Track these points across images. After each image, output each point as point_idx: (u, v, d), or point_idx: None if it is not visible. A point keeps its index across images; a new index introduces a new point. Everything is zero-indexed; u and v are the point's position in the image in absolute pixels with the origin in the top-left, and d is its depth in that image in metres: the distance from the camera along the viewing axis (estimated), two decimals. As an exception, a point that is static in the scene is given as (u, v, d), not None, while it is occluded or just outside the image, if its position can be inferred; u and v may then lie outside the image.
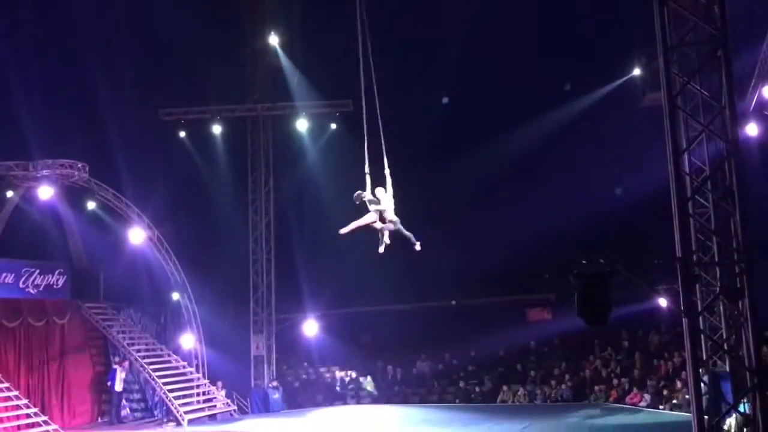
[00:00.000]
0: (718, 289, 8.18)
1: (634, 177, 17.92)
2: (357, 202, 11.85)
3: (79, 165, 17.77)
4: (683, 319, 7.06)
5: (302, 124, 21.91)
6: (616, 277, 7.79)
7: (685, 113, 8.41)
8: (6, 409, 16.04)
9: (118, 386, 19.25)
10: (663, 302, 19.26)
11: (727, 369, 9.51)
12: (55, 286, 19.06)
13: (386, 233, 12.12)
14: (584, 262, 8.13)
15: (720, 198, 7.78)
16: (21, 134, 17.89)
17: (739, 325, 7.47)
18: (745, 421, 7.32)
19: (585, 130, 20.36)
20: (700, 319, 7.90)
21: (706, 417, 6.77)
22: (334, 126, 21.90)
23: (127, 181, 19.76)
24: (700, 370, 6.96)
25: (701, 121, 8.30)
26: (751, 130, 13.13)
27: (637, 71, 18.22)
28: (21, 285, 18.16)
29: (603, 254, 8.24)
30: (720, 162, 7.90)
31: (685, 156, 8.36)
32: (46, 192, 17.49)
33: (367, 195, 11.84)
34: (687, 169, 8.47)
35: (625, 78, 19.16)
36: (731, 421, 8.38)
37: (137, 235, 19.29)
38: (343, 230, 11.79)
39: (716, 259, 9.60)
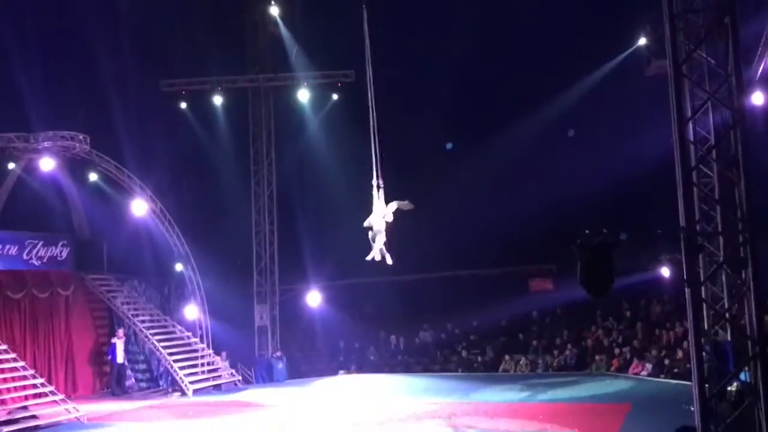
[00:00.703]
0: (721, 258, 8.16)
1: (638, 147, 17.82)
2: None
3: (81, 137, 17.72)
4: (686, 289, 7.05)
5: (303, 95, 21.79)
6: (619, 247, 7.79)
7: (691, 81, 8.31)
8: (13, 379, 16.21)
9: (120, 358, 19.42)
10: (666, 272, 19.38)
11: (729, 338, 9.55)
12: (58, 258, 19.14)
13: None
14: (587, 232, 8.12)
15: (724, 167, 7.74)
16: (21, 106, 17.81)
17: (741, 295, 7.47)
18: (746, 389, 7.36)
19: (588, 101, 20.24)
20: (703, 288, 7.89)
21: (707, 385, 6.80)
22: (335, 96, 21.78)
23: (128, 153, 19.72)
24: (702, 340, 6.98)
25: (707, 89, 8.22)
26: (757, 98, 13.02)
27: (642, 41, 18.01)
28: (25, 257, 18.24)
29: (606, 224, 8.23)
30: (725, 131, 7.84)
31: (690, 125, 8.29)
32: (47, 164, 17.47)
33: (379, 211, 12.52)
34: (692, 138, 8.41)
35: (630, 50, 18.95)
36: (732, 390, 8.43)
37: (140, 207, 19.31)
38: (369, 256, 12.57)
39: (719, 228, 9.57)
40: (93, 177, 19.32)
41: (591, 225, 8.16)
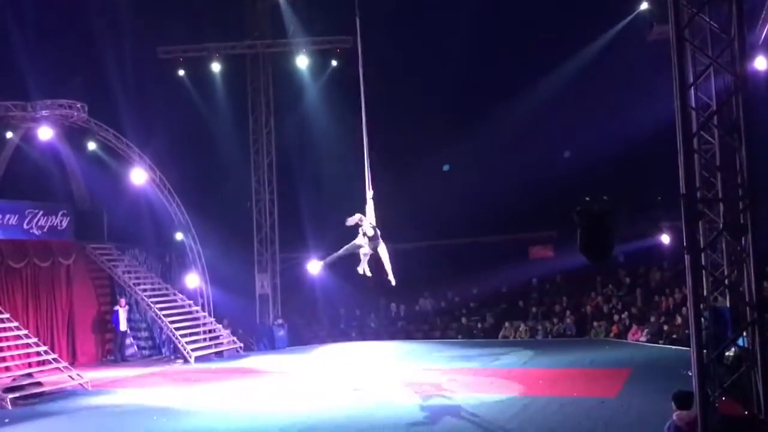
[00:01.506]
0: (721, 225, 8.16)
1: (639, 113, 17.72)
2: (350, 224, 12.18)
3: (78, 105, 17.61)
4: (685, 256, 7.05)
5: (302, 61, 21.58)
6: (620, 214, 7.77)
7: (693, 46, 8.22)
8: (17, 347, 16.35)
9: (122, 326, 19.58)
10: (665, 239, 19.42)
11: (728, 304, 9.60)
12: (59, 227, 19.17)
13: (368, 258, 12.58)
14: (587, 199, 8.10)
15: (726, 133, 7.68)
16: (18, 74, 17.65)
17: (741, 261, 7.48)
18: (744, 354, 7.41)
19: (590, 67, 20.06)
20: (702, 255, 7.91)
21: (705, 351, 6.85)
22: (335, 63, 21.58)
23: (127, 122, 19.62)
24: (701, 306, 7.00)
25: (709, 54, 8.13)
26: (760, 63, 12.88)
27: (644, 5, 17.80)
28: (25, 226, 18.26)
29: (606, 191, 8.20)
30: (727, 96, 7.77)
31: (692, 90, 8.22)
32: (45, 133, 17.39)
33: (366, 222, 12.30)
34: (693, 105, 8.34)
35: (632, 15, 18.72)
36: (729, 355, 8.50)
37: (139, 176, 19.28)
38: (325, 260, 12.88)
39: (720, 195, 9.56)
40: (92, 146, 19.23)
41: (591, 192, 8.14)
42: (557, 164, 19.55)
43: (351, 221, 12.32)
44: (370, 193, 12.83)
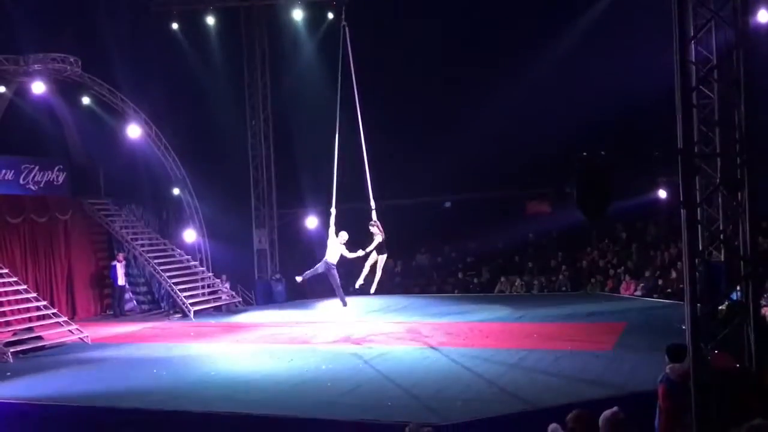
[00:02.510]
0: (718, 180, 8.16)
1: (637, 68, 17.53)
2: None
3: (72, 59, 17.39)
4: (681, 211, 7.08)
5: (297, 14, 21.24)
6: (617, 169, 7.78)
7: (694, -1, 8.11)
8: (17, 302, 16.46)
9: (121, 281, 19.70)
10: (662, 194, 19.44)
11: (722, 259, 9.67)
12: (55, 183, 19.14)
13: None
14: (585, 154, 8.10)
15: (725, 88, 7.64)
16: (10, 27, 17.37)
17: (736, 216, 7.52)
18: (737, 308, 7.50)
19: (586, 23, 19.76)
20: (698, 210, 7.92)
21: (699, 305, 6.92)
22: (330, 16, 21.22)
23: (121, 77, 19.38)
24: (696, 260, 7.05)
25: (711, 7, 8.03)
26: (762, 17, 12.72)
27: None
28: (21, 182, 18.24)
29: (604, 147, 8.20)
30: (728, 51, 7.70)
31: (692, 44, 8.14)
32: (38, 87, 17.21)
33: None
34: (693, 59, 8.26)
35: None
36: (723, 309, 8.59)
37: (134, 131, 19.16)
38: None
39: (718, 150, 9.56)
40: (86, 101, 19.04)
41: (588, 148, 8.13)
42: (554, 120, 19.40)
43: (373, 230, 14.12)
44: (333, 210, 14.27)
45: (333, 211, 14.51)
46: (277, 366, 12.22)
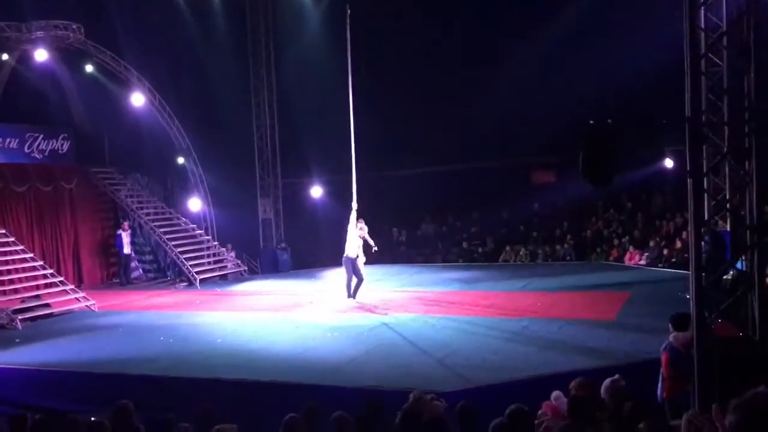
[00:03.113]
0: (725, 149, 8.09)
1: (645, 35, 17.30)
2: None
3: (74, 26, 17.26)
4: (688, 180, 7.03)
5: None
6: (623, 138, 7.72)
7: (705, -36, 7.96)
8: (24, 270, 16.58)
9: (126, 249, 19.77)
10: (669, 163, 19.33)
11: (728, 228, 9.63)
12: (60, 151, 19.13)
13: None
14: (591, 122, 8.03)
15: (735, 55, 7.54)
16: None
17: (743, 185, 7.47)
18: (741, 277, 7.50)
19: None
20: (705, 179, 7.88)
21: (703, 274, 6.92)
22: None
23: (124, 44, 19.23)
24: (701, 230, 7.03)
25: (721, -28, 7.90)
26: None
27: None
28: (26, 150, 18.23)
29: (610, 115, 8.13)
30: (737, 17, 7.57)
31: (702, 10, 8.02)
32: (41, 54, 17.11)
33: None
34: (702, 25, 8.14)
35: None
36: (727, 278, 8.60)
37: (138, 99, 19.09)
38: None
39: (725, 119, 9.46)
40: (89, 69, 18.92)
41: (595, 116, 8.06)
42: (560, 89, 19.20)
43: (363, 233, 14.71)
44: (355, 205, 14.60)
45: (355, 206, 14.57)
46: (283, 333, 12.32)
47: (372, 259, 15.12)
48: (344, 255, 14.50)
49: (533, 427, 5.35)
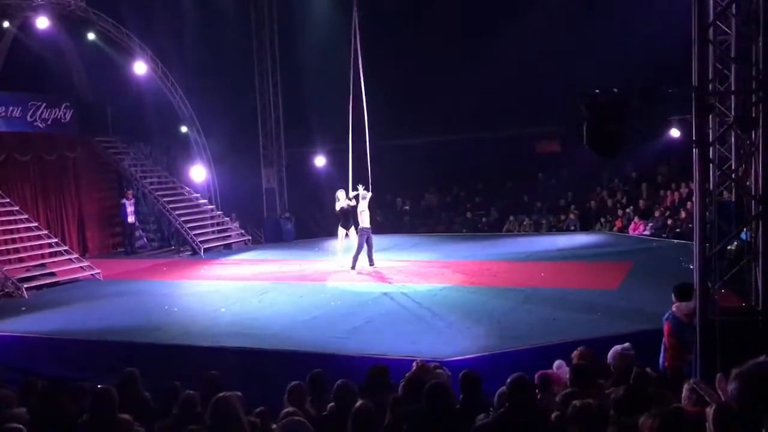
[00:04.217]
0: (731, 119, 8.02)
1: (651, 3, 17.07)
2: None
3: (75, -7, 17.11)
4: (693, 150, 6.98)
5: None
6: (629, 107, 7.63)
7: (715, -71, 7.81)
8: (29, 239, 16.64)
9: (130, 218, 19.82)
10: (675, 133, 19.20)
11: (733, 199, 9.58)
12: (62, 120, 19.08)
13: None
14: (597, 91, 7.93)
15: (744, 23, 7.43)
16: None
17: (749, 155, 7.42)
18: (745, 247, 7.48)
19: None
20: (711, 149, 7.82)
21: (707, 244, 6.90)
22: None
23: (126, 13, 19.05)
24: (706, 200, 7.00)
25: (731, -62, 7.74)
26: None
27: None
28: (29, 119, 18.19)
29: (616, 84, 8.03)
30: (747, -16, 7.45)
31: (711, -23, 7.88)
32: (43, 22, 16.98)
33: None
34: (711, -8, 8.01)
35: None
36: (731, 249, 8.58)
37: (141, 68, 18.98)
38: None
39: (733, 88, 9.36)
40: (91, 37, 18.78)
41: (600, 84, 7.96)
42: (565, 58, 18.99)
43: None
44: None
45: (368, 194, 14.82)
46: (287, 302, 12.38)
47: (375, 228, 15.12)
48: (360, 227, 14.54)
49: (535, 397, 5.39)
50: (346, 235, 15.46)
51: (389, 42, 20.18)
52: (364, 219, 14.65)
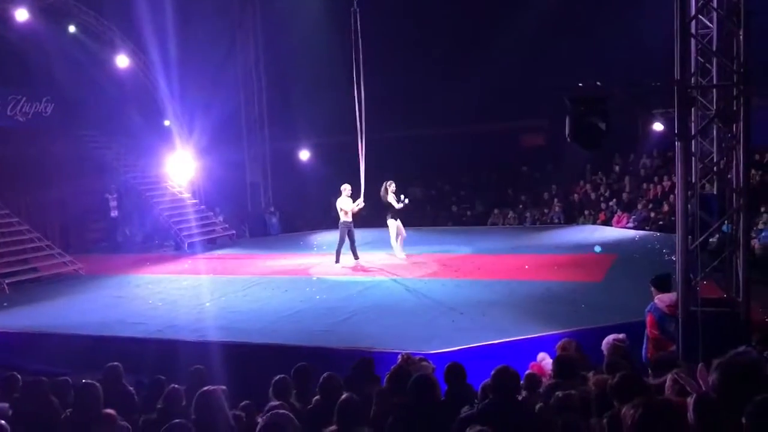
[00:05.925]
0: (713, 112, 8.08)
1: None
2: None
3: (55, -15, 16.91)
4: (676, 143, 7.03)
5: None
6: (612, 100, 7.68)
7: None
8: (10, 234, 16.46)
9: (113, 213, 19.66)
10: (658, 126, 19.35)
11: (715, 191, 9.67)
12: (43, 114, 18.89)
13: None
14: (580, 85, 7.98)
15: (725, 16, 7.48)
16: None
17: (730, 148, 7.48)
18: (727, 239, 7.55)
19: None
20: (693, 142, 7.88)
21: (690, 237, 6.96)
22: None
23: (107, 5, 18.86)
24: (689, 193, 7.06)
25: (713, -69, 7.79)
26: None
27: None
28: (9, 113, 18.00)
29: (599, 78, 8.08)
30: (729, -23, 7.50)
31: (692, -29, 7.93)
32: (22, 14, 16.76)
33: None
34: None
35: None
36: (713, 241, 8.66)
37: (123, 61, 18.81)
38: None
39: (714, 81, 9.42)
40: (72, 29, 18.56)
41: (584, 78, 8.00)
42: (549, 52, 19.05)
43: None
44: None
45: (362, 204, 14.98)
46: (272, 296, 12.36)
47: (360, 222, 15.13)
48: (341, 221, 14.54)
49: (519, 388, 5.42)
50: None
51: (374, 36, 20.10)
52: (347, 213, 14.59)
